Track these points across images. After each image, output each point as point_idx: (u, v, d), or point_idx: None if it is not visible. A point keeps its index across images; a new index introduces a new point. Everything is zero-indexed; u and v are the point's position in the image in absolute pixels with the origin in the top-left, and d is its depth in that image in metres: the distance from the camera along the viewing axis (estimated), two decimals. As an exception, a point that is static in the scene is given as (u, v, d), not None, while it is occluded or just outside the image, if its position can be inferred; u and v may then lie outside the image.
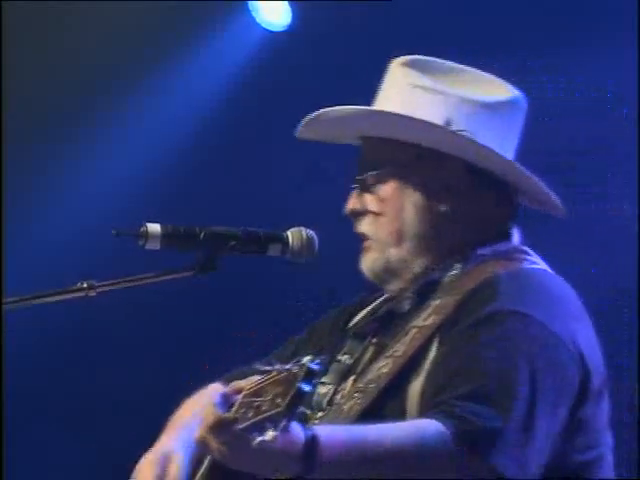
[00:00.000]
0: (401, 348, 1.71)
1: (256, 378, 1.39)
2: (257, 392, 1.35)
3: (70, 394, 4.39)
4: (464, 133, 1.85)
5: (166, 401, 2.06)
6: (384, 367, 1.71)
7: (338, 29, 4.07)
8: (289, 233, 1.94)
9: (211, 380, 2.04)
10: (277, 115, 4.07)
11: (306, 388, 1.30)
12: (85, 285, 1.82)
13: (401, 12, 4.03)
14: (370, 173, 1.91)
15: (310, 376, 1.31)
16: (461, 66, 1.97)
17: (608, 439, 1.81)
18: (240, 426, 1.32)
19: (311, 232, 1.95)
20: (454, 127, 1.86)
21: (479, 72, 1.96)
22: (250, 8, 4.15)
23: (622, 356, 3.86)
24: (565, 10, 3.98)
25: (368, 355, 1.84)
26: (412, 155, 1.89)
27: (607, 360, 3.87)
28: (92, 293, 1.83)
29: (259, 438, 1.27)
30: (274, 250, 1.94)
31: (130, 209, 4.00)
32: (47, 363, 4.30)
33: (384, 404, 1.68)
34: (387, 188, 1.89)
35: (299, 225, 1.97)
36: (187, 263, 1.90)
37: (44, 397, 4.37)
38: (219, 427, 1.38)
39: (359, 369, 1.82)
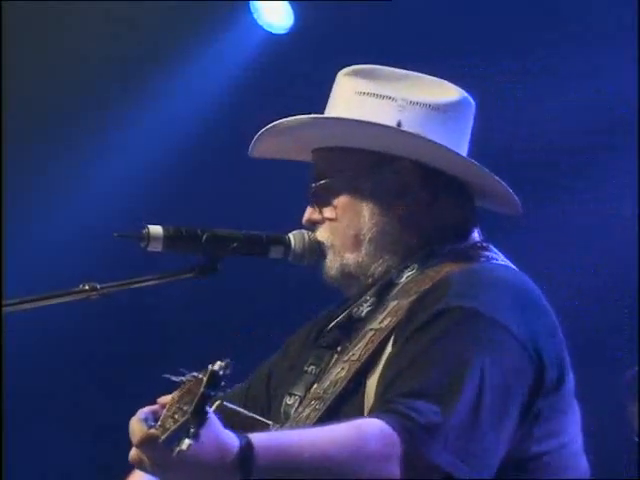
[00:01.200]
0: (357, 352, 1.72)
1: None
2: (176, 403, 1.36)
3: (70, 394, 4.40)
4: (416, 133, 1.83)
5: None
6: (341, 372, 1.72)
7: (338, 29, 4.07)
8: (291, 235, 1.94)
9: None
10: (278, 116, 4.07)
11: (211, 393, 1.32)
12: (87, 287, 1.82)
13: (401, 12, 4.03)
14: (324, 181, 1.91)
15: (214, 380, 1.33)
16: (407, 71, 1.94)
17: (571, 424, 1.78)
18: (160, 439, 1.33)
19: (313, 234, 1.95)
20: (405, 128, 1.84)
21: (426, 76, 1.94)
22: (252, 9, 4.14)
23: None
24: (564, 10, 3.98)
25: (331, 363, 1.84)
26: (365, 160, 1.88)
27: (608, 360, 3.88)
28: (94, 295, 1.83)
29: (177, 448, 1.28)
30: (276, 252, 1.94)
31: (131, 210, 4.00)
32: (47, 363, 4.30)
33: (341, 408, 1.68)
34: (341, 195, 1.90)
35: (301, 228, 1.97)
36: (189, 265, 1.90)
37: (44, 397, 4.37)
38: (145, 443, 1.38)
39: (321, 377, 1.82)
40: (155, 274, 1.90)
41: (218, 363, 1.36)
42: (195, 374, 1.36)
